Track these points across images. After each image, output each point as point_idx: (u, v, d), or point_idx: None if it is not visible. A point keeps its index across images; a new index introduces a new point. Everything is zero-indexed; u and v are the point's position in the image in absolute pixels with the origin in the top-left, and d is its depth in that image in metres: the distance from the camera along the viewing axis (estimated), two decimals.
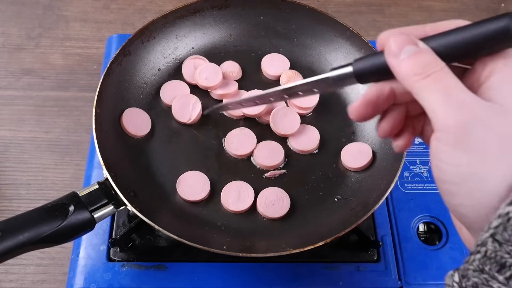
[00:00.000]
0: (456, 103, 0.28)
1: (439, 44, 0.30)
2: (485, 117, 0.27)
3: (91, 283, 0.57)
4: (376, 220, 0.63)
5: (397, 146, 0.36)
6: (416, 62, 0.29)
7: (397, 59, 0.30)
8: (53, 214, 0.46)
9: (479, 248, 0.27)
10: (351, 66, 0.34)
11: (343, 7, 0.96)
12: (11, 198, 0.71)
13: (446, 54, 0.30)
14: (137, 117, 0.61)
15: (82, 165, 0.72)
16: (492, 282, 0.27)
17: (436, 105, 0.28)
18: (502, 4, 0.97)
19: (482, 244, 0.27)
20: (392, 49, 0.30)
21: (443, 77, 0.28)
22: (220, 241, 0.53)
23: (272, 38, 0.70)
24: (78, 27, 0.90)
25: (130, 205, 0.49)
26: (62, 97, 0.81)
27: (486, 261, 0.27)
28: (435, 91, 0.28)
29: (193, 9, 0.67)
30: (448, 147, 0.28)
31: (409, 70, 0.29)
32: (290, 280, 0.58)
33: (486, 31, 0.28)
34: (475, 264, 0.27)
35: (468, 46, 0.29)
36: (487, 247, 0.27)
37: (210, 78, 0.64)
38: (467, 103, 0.27)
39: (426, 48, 0.30)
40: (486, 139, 0.27)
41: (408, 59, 0.29)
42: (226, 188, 0.57)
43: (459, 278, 0.29)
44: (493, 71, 0.29)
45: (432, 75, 0.28)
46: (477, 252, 0.27)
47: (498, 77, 0.29)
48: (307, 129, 0.62)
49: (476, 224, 0.28)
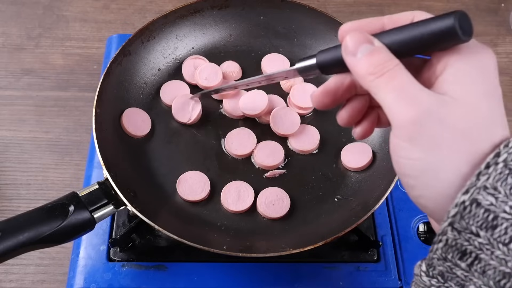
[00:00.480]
0: (409, 99, 0.28)
1: (393, 41, 0.31)
2: (438, 111, 0.28)
3: (91, 283, 0.57)
4: (376, 220, 0.63)
5: (354, 133, 0.38)
6: (371, 62, 0.30)
7: (354, 58, 0.31)
8: (53, 214, 0.46)
9: (440, 237, 0.28)
10: (315, 58, 0.36)
11: (343, 7, 0.96)
12: (11, 198, 0.71)
13: (400, 50, 0.30)
14: (137, 117, 0.61)
15: (82, 165, 0.72)
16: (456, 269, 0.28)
17: (391, 102, 0.29)
18: (502, 4, 0.97)
19: (443, 233, 0.28)
20: (349, 48, 0.31)
21: (397, 75, 0.29)
22: (220, 241, 0.53)
23: (272, 38, 0.70)
24: (78, 27, 0.90)
25: (130, 205, 0.49)
26: (62, 97, 0.81)
27: (448, 250, 0.28)
28: (389, 89, 0.29)
29: (193, 9, 0.67)
30: (404, 143, 0.29)
31: (365, 70, 0.30)
32: (290, 280, 0.58)
33: (434, 28, 0.29)
34: (438, 253, 0.28)
35: (420, 42, 0.30)
36: (448, 236, 0.28)
37: (210, 78, 0.64)
38: (420, 98, 0.28)
39: (380, 46, 0.30)
40: (439, 132, 0.28)
41: (364, 58, 0.30)
42: (226, 188, 0.58)
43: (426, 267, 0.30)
44: (447, 65, 0.30)
45: (386, 74, 0.29)
46: (439, 241, 0.28)
47: (451, 71, 0.29)
48: (307, 129, 0.62)
49: (437, 214, 0.29)
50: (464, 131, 0.28)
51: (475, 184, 0.26)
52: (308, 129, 0.62)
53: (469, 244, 0.27)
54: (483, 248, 0.26)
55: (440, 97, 0.28)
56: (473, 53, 0.29)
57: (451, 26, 0.28)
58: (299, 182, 0.59)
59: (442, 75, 0.30)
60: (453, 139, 0.28)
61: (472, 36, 0.29)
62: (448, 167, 0.28)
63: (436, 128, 0.28)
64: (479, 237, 0.26)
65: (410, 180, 0.29)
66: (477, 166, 0.27)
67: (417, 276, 0.30)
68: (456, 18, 0.28)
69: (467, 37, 0.29)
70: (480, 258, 0.27)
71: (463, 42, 0.29)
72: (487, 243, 0.26)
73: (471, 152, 0.27)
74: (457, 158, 0.27)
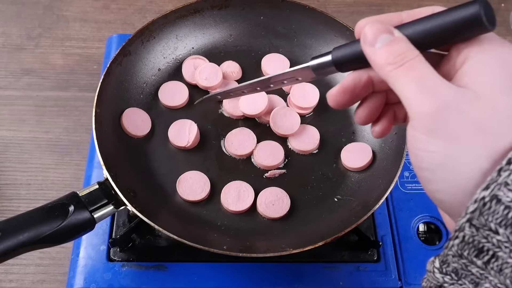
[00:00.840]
0: (429, 91, 0.28)
1: (414, 32, 0.30)
2: (458, 103, 0.27)
3: (91, 283, 0.57)
4: (376, 220, 0.63)
5: (374, 131, 0.37)
6: (391, 51, 0.29)
7: (373, 48, 0.30)
8: (53, 214, 0.46)
9: (457, 233, 0.27)
10: (330, 55, 0.34)
11: (343, 7, 0.96)
12: (11, 198, 0.71)
13: (421, 41, 0.30)
14: (137, 117, 0.61)
15: (82, 165, 0.72)
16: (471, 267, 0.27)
17: (410, 93, 0.28)
18: (502, 4, 0.97)
19: (460, 230, 0.27)
20: (368, 38, 0.30)
21: (417, 65, 0.29)
22: (220, 241, 0.53)
23: (272, 38, 0.70)
24: (78, 27, 0.90)
25: (130, 205, 0.49)
26: (62, 97, 0.81)
27: (465, 246, 0.27)
28: (408, 80, 0.28)
29: (193, 9, 0.67)
30: (423, 135, 0.28)
31: (384, 60, 0.29)
32: (290, 280, 0.58)
33: (458, 17, 0.28)
34: (454, 249, 0.28)
35: (442, 32, 0.29)
36: (465, 232, 0.27)
37: (210, 78, 0.64)
38: (440, 90, 0.28)
39: (400, 36, 0.30)
40: (459, 125, 0.27)
41: (383, 48, 0.30)
42: (226, 188, 0.57)
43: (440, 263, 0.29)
44: (468, 57, 0.29)
45: (406, 64, 0.29)
46: (455, 238, 0.28)
47: (472, 63, 0.29)
48: (307, 129, 0.62)
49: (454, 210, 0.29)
50: (484, 125, 0.27)
51: (496, 180, 0.26)
52: (308, 129, 0.62)
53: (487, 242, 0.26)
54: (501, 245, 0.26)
55: (460, 90, 0.28)
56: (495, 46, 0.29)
57: (476, 13, 0.28)
58: (299, 182, 0.59)
59: (462, 68, 0.29)
60: (473, 133, 0.27)
61: (495, 26, 0.28)
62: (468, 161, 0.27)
63: (456, 120, 0.27)
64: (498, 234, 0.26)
65: (428, 174, 0.29)
66: (498, 162, 0.26)
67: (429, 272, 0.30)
68: (481, 5, 0.28)
69: (492, 26, 0.28)
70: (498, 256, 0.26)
71: (487, 32, 0.29)
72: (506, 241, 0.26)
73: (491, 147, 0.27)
74: (477, 152, 0.27)
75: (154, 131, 0.62)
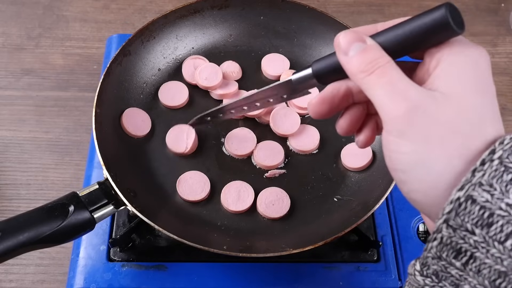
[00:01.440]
0: (399, 95, 0.29)
1: (386, 39, 0.31)
2: (427, 106, 0.28)
3: (91, 283, 0.57)
4: (376, 220, 0.63)
5: (358, 142, 0.38)
6: (363, 59, 0.30)
7: (346, 56, 0.31)
8: (53, 214, 0.46)
9: (435, 235, 0.28)
10: (310, 68, 0.36)
11: (343, 7, 0.96)
12: (11, 198, 0.71)
13: (394, 48, 0.31)
14: (137, 117, 0.61)
15: (82, 165, 0.72)
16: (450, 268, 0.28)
17: (382, 98, 0.29)
18: (502, 4, 0.97)
19: (438, 231, 0.28)
20: (342, 47, 0.31)
21: (387, 71, 0.29)
22: (220, 241, 0.53)
23: (272, 38, 0.70)
24: (78, 27, 0.90)
25: (130, 205, 0.49)
26: (62, 97, 0.81)
27: (443, 248, 0.28)
28: (380, 86, 0.29)
29: (193, 9, 0.67)
30: (394, 137, 0.29)
31: (356, 68, 0.30)
32: (290, 280, 0.58)
33: (426, 22, 0.29)
34: (433, 251, 0.28)
35: (412, 38, 0.30)
36: (442, 233, 0.27)
37: (210, 78, 0.64)
38: (409, 94, 0.28)
39: (373, 44, 0.31)
40: (427, 126, 0.28)
41: (356, 56, 0.30)
42: (226, 188, 0.58)
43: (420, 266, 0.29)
44: (440, 61, 0.30)
45: (377, 71, 0.29)
46: (433, 240, 0.28)
47: (443, 66, 0.29)
48: (307, 129, 0.62)
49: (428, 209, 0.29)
50: (454, 125, 0.28)
51: (470, 181, 0.26)
52: (308, 129, 0.62)
53: (464, 242, 0.27)
54: (478, 246, 0.26)
55: (430, 93, 0.29)
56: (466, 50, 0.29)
57: (443, 17, 0.29)
58: (299, 182, 0.60)
59: (434, 72, 0.30)
60: (443, 133, 0.28)
61: (464, 29, 0.29)
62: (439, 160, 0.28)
63: (425, 122, 0.28)
64: (475, 234, 0.26)
65: (401, 175, 0.29)
66: (471, 163, 0.27)
67: (411, 275, 0.30)
68: (447, 9, 0.29)
69: (460, 29, 0.29)
70: (475, 256, 0.27)
71: (456, 35, 0.29)
72: (483, 241, 0.26)
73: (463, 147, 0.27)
74: (448, 152, 0.27)
75: (154, 131, 0.62)
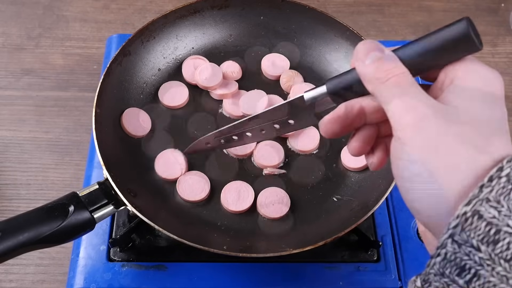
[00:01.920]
0: (412, 104, 0.29)
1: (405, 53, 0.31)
2: (438, 117, 0.28)
3: (91, 283, 0.57)
4: (376, 220, 0.63)
5: (371, 164, 0.37)
6: (379, 67, 0.31)
7: (363, 63, 0.31)
8: (53, 214, 0.46)
9: (439, 250, 0.27)
10: (325, 86, 0.36)
11: (343, 7, 0.95)
12: (11, 198, 0.71)
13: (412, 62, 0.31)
14: (137, 117, 0.61)
15: (82, 165, 0.72)
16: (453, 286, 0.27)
17: (394, 106, 0.29)
18: (502, 4, 0.97)
19: (442, 246, 0.27)
20: (359, 54, 0.32)
21: (402, 80, 0.30)
22: (220, 241, 0.53)
23: (272, 38, 0.70)
24: (78, 27, 0.90)
25: (130, 205, 0.49)
26: (62, 97, 0.81)
27: (447, 264, 0.27)
28: (393, 94, 0.30)
29: (193, 9, 0.67)
30: (404, 145, 0.29)
31: (372, 75, 0.31)
32: (290, 280, 0.58)
33: (447, 34, 0.30)
34: (435, 267, 0.28)
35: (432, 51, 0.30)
36: (447, 249, 0.27)
37: (210, 78, 0.64)
38: (422, 104, 0.29)
39: (390, 54, 0.31)
40: (438, 137, 0.28)
41: (373, 64, 0.31)
42: (226, 188, 0.57)
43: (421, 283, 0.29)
44: (454, 78, 0.30)
45: (392, 79, 0.30)
46: (437, 255, 0.27)
47: (457, 83, 0.30)
48: (307, 129, 0.62)
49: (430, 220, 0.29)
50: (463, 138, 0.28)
51: (478, 196, 0.26)
52: (308, 129, 0.62)
53: (469, 259, 0.26)
54: (483, 263, 0.26)
55: (442, 106, 0.29)
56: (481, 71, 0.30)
57: (464, 28, 0.29)
58: (299, 182, 0.60)
59: (448, 89, 0.30)
60: (452, 145, 0.28)
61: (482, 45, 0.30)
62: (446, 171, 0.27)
63: (434, 132, 0.28)
64: (480, 251, 0.26)
65: (407, 183, 0.29)
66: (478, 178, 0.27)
67: None
68: (468, 22, 0.29)
69: (480, 44, 0.29)
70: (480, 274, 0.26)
71: (476, 50, 0.30)
72: (488, 258, 0.26)
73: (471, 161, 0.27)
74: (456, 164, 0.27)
75: (154, 131, 0.62)
